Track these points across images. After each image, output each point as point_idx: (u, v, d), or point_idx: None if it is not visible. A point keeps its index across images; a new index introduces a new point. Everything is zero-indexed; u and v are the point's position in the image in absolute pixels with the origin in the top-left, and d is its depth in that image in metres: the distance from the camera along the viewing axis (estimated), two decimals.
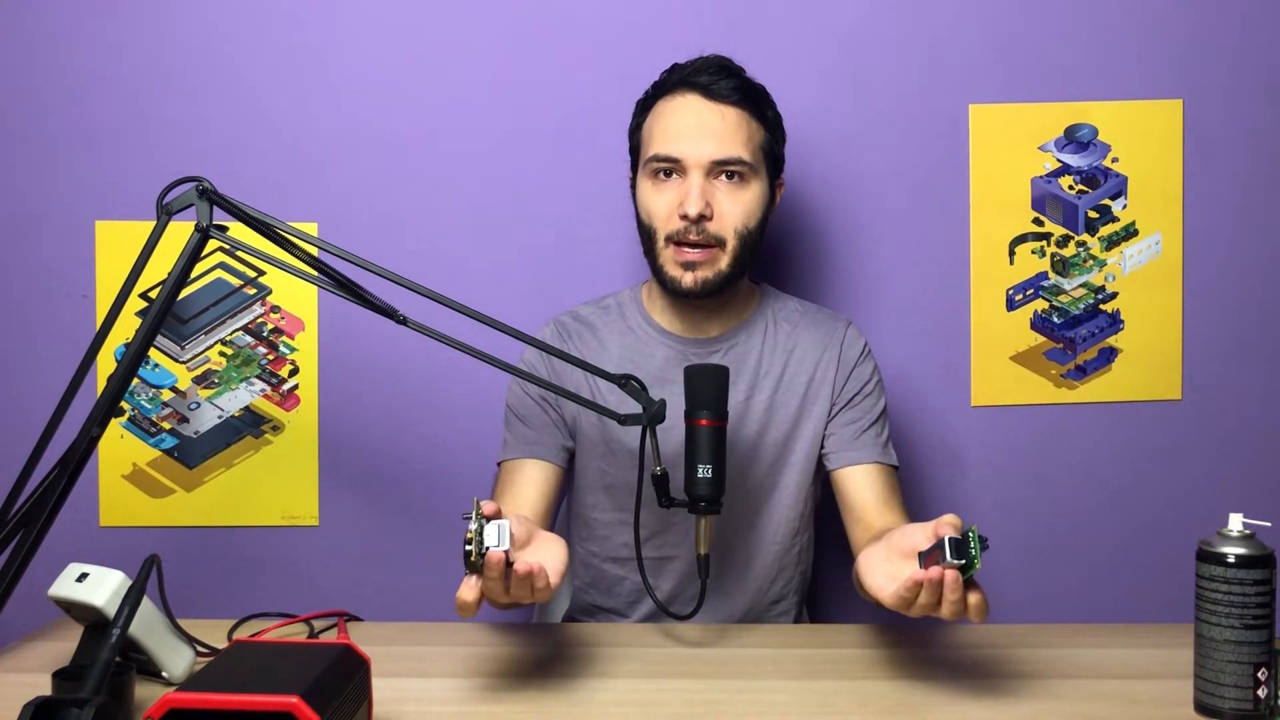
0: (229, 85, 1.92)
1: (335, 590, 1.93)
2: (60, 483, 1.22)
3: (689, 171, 1.57)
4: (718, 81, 1.59)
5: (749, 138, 1.60)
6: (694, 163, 1.57)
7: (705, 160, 1.57)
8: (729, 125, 1.58)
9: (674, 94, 1.62)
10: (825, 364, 1.68)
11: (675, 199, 1.58)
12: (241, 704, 1.02)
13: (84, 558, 1.37)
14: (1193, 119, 1.94)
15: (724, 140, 1.57)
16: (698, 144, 1.57)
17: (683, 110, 1.60)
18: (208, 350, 1.94)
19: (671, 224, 1.58)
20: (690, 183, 1.57)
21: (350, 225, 1.92)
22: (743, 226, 1.59)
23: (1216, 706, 1.21)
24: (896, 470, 1.67)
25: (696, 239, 1.57)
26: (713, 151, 1.57)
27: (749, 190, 1.60)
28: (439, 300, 1.33)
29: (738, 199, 1.59)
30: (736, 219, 1.59)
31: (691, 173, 1.57)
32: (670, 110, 1.61)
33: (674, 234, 1.58)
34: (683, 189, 1.58)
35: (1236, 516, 1.23)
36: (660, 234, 1.60)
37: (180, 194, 1.27)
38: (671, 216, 1.58)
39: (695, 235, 1.57)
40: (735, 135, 1.58)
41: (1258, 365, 1.97)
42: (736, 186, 1.59)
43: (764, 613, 1.71)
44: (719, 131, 1.58)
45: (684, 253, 1.58)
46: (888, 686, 1.36)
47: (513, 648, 1.49)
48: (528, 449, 1.65)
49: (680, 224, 1.57)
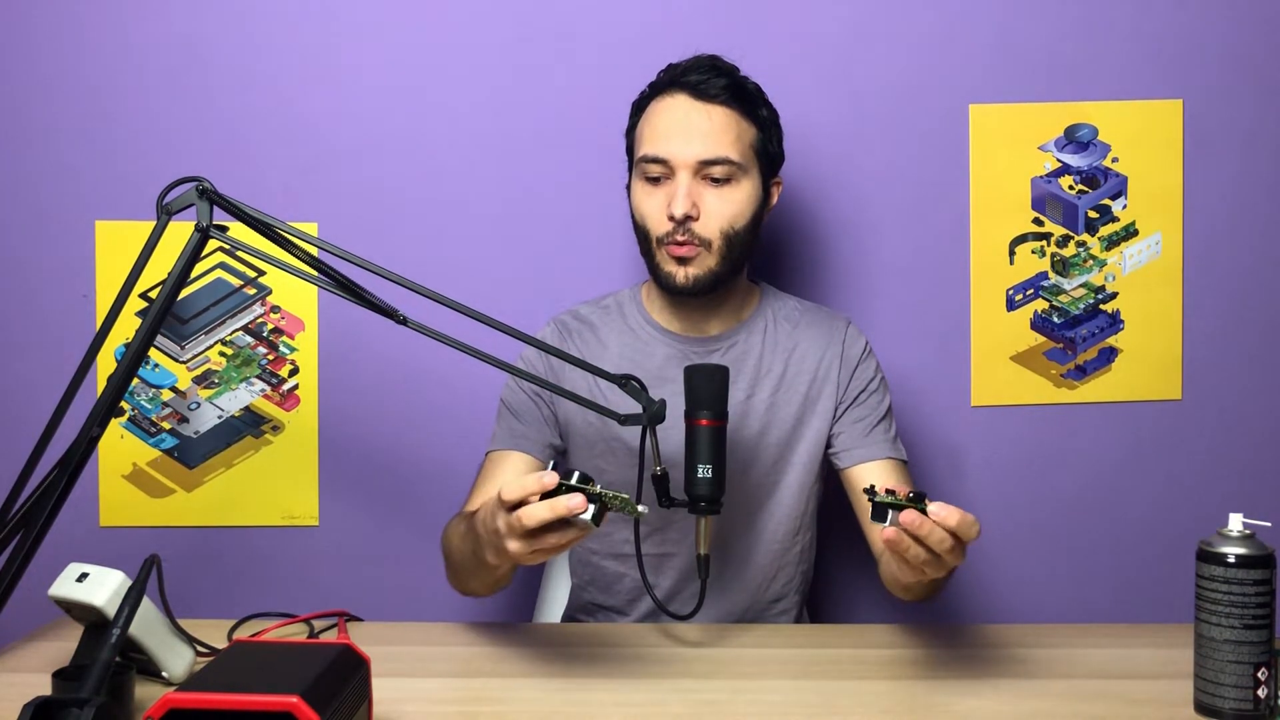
0: (229, 85, 1.92)
1: (335, 590, 1.93)
2: (60, 483, 1.22)
3: (676, 172, 1.58)
4: (707, 81, 1.59)
5: (738, 137, 1.60)
6: (681, 163, 1.57)
7: (691, 160, 1.57)
8: (716, 125, 1.58)
9: (664, 94, 1.62)
10: (828, 363, 1.68)
11: (664, 200, 1.58)
12: (241, 704, 1.02)
13: (84, 558, 1.37)
14: (1193, 119, 1.94)
15: (710, 140, 1.57)
16: (685, 144, 1.57)
17: (671, 110, 1.60)
18: (208, 350, 1.94)
19: (661, 225, 1.59)
20: (677, 184, 1.57)
21: (350, 225, 1.92)
22: (729, 226, 1.59)
23: (1216, 706, 1.21)
24: (906, 465, 1.67)
25: (682, 239, 1.57)
26: (699, 151, 1.57)
27: (738, 190, 1.60)
28: (439, 300, 1.33)
29: (726, 199, 1.59)
30: (723, 219, 1.59)
31: (679, 173, 1.57)
32: (660, 111, 1.61)
33: (664, 235, 1.59)
34: (670, 190, 1.58)
35: (1236, 516, 1.23)
36: (653, 235, 1.60)
37: (180, 194, 1.27)
38: (661, 218, 1.59)
39: (681, 236, 1.57)
40: (723, 135, 1.58)
41: (1258, 365, 1.97)
42: (725, 186, 1.59)
43: (764, 611, 1.71)
44: (706, 131, 1.58)
45: (673, 249, 1.59)
46: (888, 686, 1.36)
47: (513, 648, 1.49)
48: (514, 441, 1.65)
49: (669, 225, 1.58)
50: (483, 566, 1.40)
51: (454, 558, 1.53)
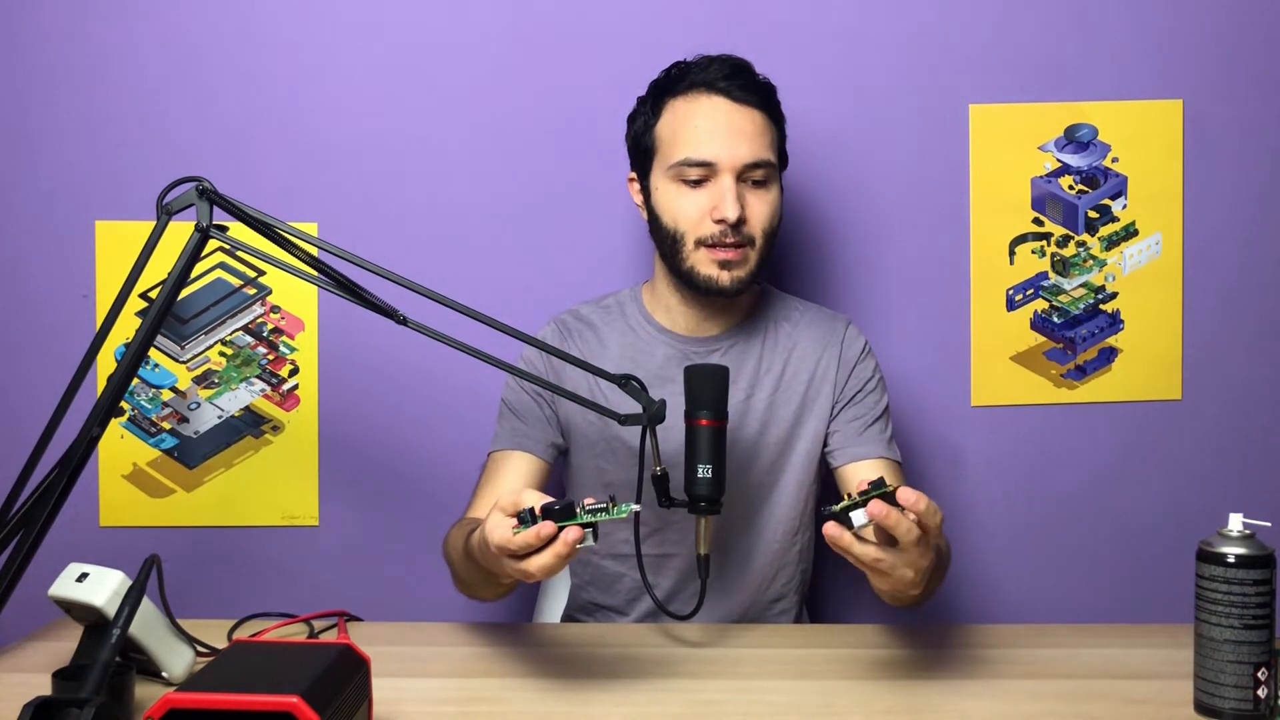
0: (229, 85, 1.92)
1: (335, 590, 1.93)
2: (60, 483, 1.22)
3: (720, 175, 1.57)
4: (741, 83, 1.59)
5: (771, 139, 1.61)
6: (728, 166, 1.57)
7: (739, 163, 1.57)
8: (757, 128, 1.59)
9: (694, 95, 1.60)
10: (826, 363, 1.68)
11: (706, 202, 1.57)
12: (241, 704, 1.02)
13: (84, 558, 1.37)
14: (1193, 119, 1.94)
15: (754, 143, 1.58)
16: (732, 148, 1.57)
17: (711, 113, 1.59)
18: (208, 350, 1.94)
19: (704, 228, 1.58)
20: (723, 186, 1.56)
21: (350, 225, 1.92)
22: (770, 226, 1.60)
23: (1216, 706, 1.21)
24: (900, 466, 1.67)
25: (731, 241, 1.57)
26: (745, 155, 1.57)
27: (773, 191, 1.61)
28: (439, 300, 1.33)
29: (765, 200, 1.60)
30: (765, 220, 1.59)
31: (723, 176, 1.57)
32: (696, 113, 1.59)
33: (707, 238, 1.58)
34: (714, 193, 1.57)
35: (1236, 516, 1.23)
36: (690, 237, 1.59)
37: (180, 194, 1.27)
38: (703, 220, 1.58)
39: (732, 239, 1.57)
40: (762, 138, 1.59)
41: (1258, 365, 1.97)
42: (762, 188, 1.60)
43: (763, 611, 1.71)
44: (750, 134, 1.58)
45: (719, 252, 1.58)
46: (888, 686, 1.36)
47: (513, 648, 1.49)
48: (516, 441, 1.65)
49: (715, 228, 1.57)
50: (491, 579, 1.41)
51: (459, 570, 1.53)
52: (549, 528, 1.20)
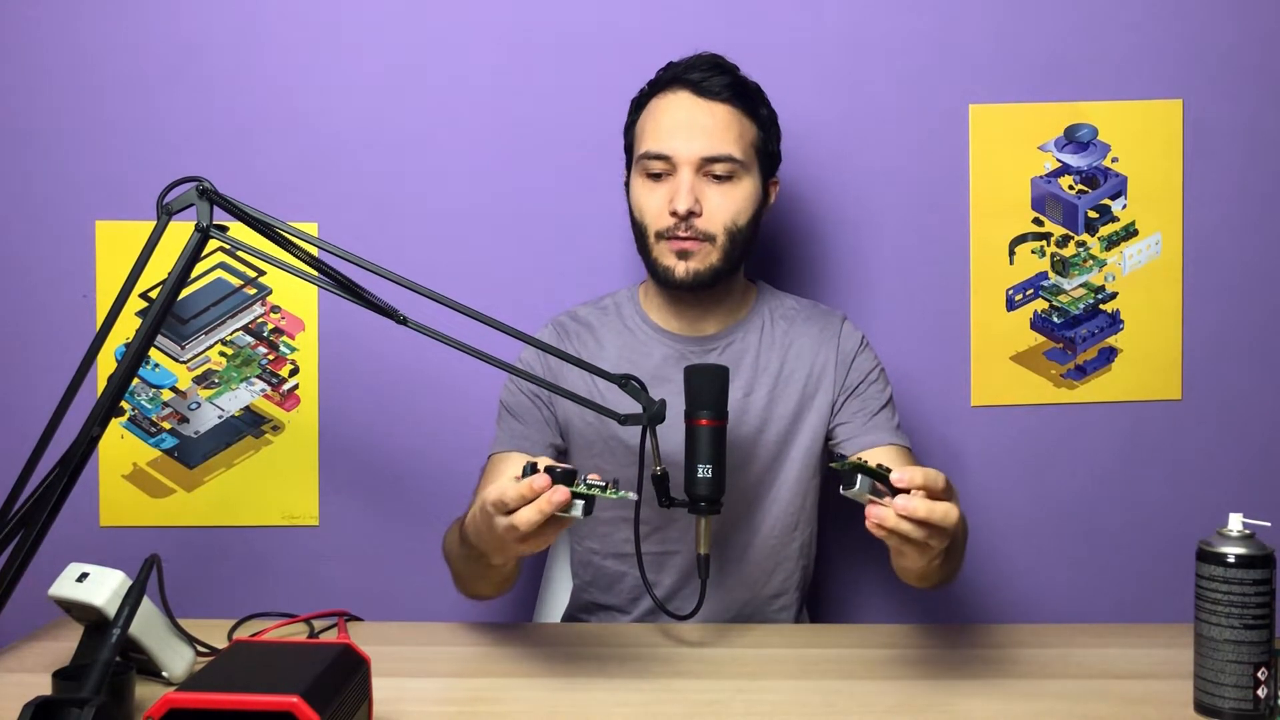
0: (229, 85, 1.92)
1: (335, 590, 1.93)
2: (60, 483, 1.22)
3: (679, 168, 1.58)
4: (709, 79, 1.60)
5: (740, 135, 1.60)
6: (684, 159, 1.58)
7: (695, 157, 1.58)
8: (719, 122, 1.59)
9: (666, 92, 1.63)
10: (824, 358, 1.68)
11: (666, 196, 1.59)
12: (241, 704, 1.02)
13: (84, 558, 1.37)
14: (1193, 119, 1.94)
15: (714, 137, 1.58)
16: (688, 141, 1.58)
17: (674, 107, 1.61)
18: (208, 350, 1.94)
19: (662, 221, 1.60)
20: (680, 180, 1.58)
21: (350, 225, 1.92)
22: (732, 223, 1.60)
23: (1216, 706, 1.21)
24: (910, 452, 1.66)
25: (685, 234, 1.58)
26: (702, 148, 1.58)
27: (739, 187, 1.61)
28: (439, 300, 1.33)
29: (728, 196, 1.60)
30: (725, 216, 1.60)
31: (681, 170, 1.58)
32: (662, 108, 1.62)
33: (664, 231, 1.60)
34: (672, 186, 1.59)
35: (1236, 516, 1.23)
36: (651, 230, 1.61)
37: (180, 194, 1.27)
38: (662, 213, 1.60)
39: (684, 231, 1.58)
40: (725, 132, 1.59)
41: (1258, 365, 1.97)
42: (726, 183, 1.60)
43: (763, 607, 1.70)
44: (709, 128, 1.59)
45: (675, 243, 1.59)
46: (888, 686, 1.36)
47: (513, 647, 1.49)
48: (515, 442, 1.65)
49: (670, 221, 1.58)
50: (488, 569, 1.41)
51: (457, 566, 1.54)
52: (543, 480, 1.21)
